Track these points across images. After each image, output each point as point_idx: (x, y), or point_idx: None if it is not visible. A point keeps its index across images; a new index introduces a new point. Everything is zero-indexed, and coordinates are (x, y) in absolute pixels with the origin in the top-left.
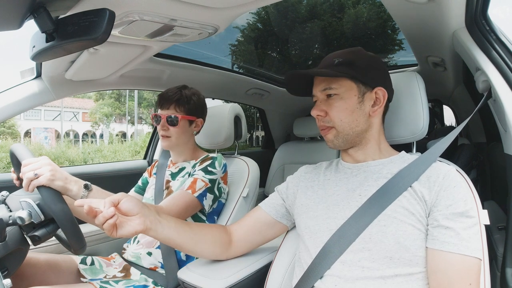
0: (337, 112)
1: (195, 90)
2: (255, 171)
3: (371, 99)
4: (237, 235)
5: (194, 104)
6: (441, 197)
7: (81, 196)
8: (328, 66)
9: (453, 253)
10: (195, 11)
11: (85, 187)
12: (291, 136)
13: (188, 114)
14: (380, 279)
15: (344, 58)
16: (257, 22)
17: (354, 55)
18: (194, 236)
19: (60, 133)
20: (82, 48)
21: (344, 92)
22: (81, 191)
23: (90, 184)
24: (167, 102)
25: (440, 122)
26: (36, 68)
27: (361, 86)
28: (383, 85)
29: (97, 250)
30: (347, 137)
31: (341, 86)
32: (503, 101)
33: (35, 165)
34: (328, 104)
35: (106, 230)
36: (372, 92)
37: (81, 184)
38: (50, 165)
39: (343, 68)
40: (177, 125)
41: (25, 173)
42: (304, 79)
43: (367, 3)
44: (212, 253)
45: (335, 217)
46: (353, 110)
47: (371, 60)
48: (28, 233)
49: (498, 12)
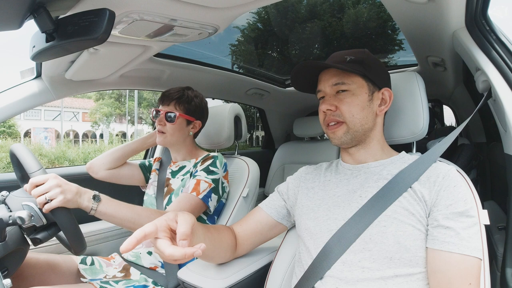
0: (349, 107)
1: (198, 93)
2: (255, 171)
3: (378, 98)
4: (241, 237)
5: (194, 105)
6: (441, 197)
7: (91, 208)
8: (340, 63)
9: (453, 252)
10: (195, 11)
11: (94, 198)
12: (291, 136)
13: (187, 113)
14: (380, 280)
15: (356, 56)
16: (257, 22)
17: (364, 55)
18: (214, 242)
19: (60, 133)
20: (82, 48)
21: (356, 89)
22: (90, 203)
23: (99, 194)
24: (168, 99)
25: (440, 122)
26: (36, 68)
27: (370, 85)
28: (389, 87)
29: (97, 250)
30: (356, 133)
31: (353, 83)
32: (503, 101)
33: (44, 188)
34: (338, 99)
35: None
36: (379, 92)
37: (90, 195)
38: (59, 186)
39: (356, 65)
40: (174, 121)
41: (36, 195)
42: (310, 75)
43: (367, 3)
44: (223, 258)
45: (335, 218)
46: (364, 107)
47: (378, 62)
48: (29, 235)
49: (496, 12)
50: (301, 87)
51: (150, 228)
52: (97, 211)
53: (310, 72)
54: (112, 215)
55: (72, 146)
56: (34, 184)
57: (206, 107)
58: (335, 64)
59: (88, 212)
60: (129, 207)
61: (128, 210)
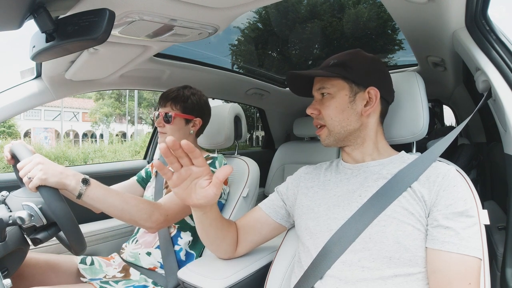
0: (328, 111)
1: (196, 91)
2: (255, 171)
3: (364, 99)
4: (240, 233)
5: (191, 103)
6: (440, 197)
7: (79, 191)
8: (324, 67)
9: (453, 252)
10: (195, 11)
11: (83, 182)
12: (291, 136)
13: (184, 112)
14: (380, 279)
15: (339, 59)
16: (258, 22)
17: (350, 56)
18: (223, 231)
19: (60, 133)
20: (82, 48)
21: (336, 92)
22: (79, 186)
23: (89, 178)
24: (164, 100)
25: (440, 122)
26: (36, 68)
27: (353, 86)
28: (378, 86)
29: (97, 250)
30: (338, 135)
31: (333, 86)
32: (503, 101)
33: (27, 168)
34: (321, 103)
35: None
36: (365, 92)
37: (79, 178)
38: (41, 163)
39: (337, 68)
40: (171, 122)
41: (22, 177)
42: (305, 80)
43: (367, 3)
44: (226, 251)
45: (335, 217)
46: (344, 109)
47: (368, 61)
48: (29, 235)
49: (494, 12)
50: (298, 92)
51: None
52: (85, 195)
53: (304, 79)
54: (100, 200)
55: (72, 146)
56: (21, 168)
57: (206, 104)
58: (315, 70)
59: (76, 195)
60: (118, 194)
61: (117, 197)
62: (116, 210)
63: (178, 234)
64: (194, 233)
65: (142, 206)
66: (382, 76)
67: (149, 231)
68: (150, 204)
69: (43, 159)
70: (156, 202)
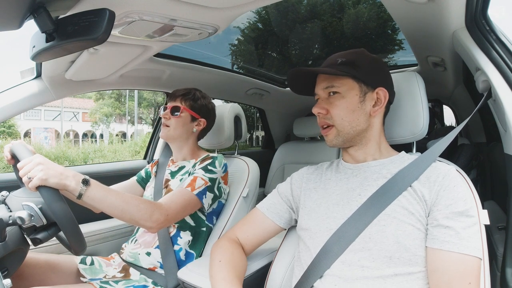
0: (338, 111)
1: (206, 95)
2: (255, 171)
3: (372, 99)
4: (246, 245)
5: (200, 104)
6: (441, 196)
7: (79, 192)
8: (331, 65)
9: (453, 252)
10: (195, 11)
11: (83, 182)
12: (291, 136)
13: (192, 109)
14: (380, 278)
15: (347, 58)
16: (258, 22)
17: (357, 56)
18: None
19: (60, 133)
20: (82, 48)
21: (346, 91)
22: (79, 186)
23: (89, 179)
24: (175, 95)
25: (440, 122)
26: (36, 68)
27: (362, 86)
28: (385, 86)
29: (97, 250)
30: (347, 136)
31: (343, 85)
32: (503, 101)
33: (27, 168)
34: (329, 102)
35: None
36: (373, 92)
37: (79, 179)
38: (41, 163)
39: (346, 67)
40: (178, 115)
41: (22, 177)
42: (306, 78)
43: (367, 3)
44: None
45: (335, 216)
46: (354, 109)
47: (373, 61)
48: (29, 235)
49: (494, 12)
50: (299, 91)
51: None
52: (85, 195)
53: (306, 76)
54: (100, 201)
55: (72, 146)
56: (21, 167)
57: (213, 109)
58: (324, 68)
59: (76, 195)
60: (118, 194)
61: (117, 197)
62: (117, 210)
63: (177, 234)
64: (193, 232)
65: (142, 206)
66: (386, 77)
67: (150, 231)
68: (150, 204)
69: (43, 159)
70: (157, 202)
